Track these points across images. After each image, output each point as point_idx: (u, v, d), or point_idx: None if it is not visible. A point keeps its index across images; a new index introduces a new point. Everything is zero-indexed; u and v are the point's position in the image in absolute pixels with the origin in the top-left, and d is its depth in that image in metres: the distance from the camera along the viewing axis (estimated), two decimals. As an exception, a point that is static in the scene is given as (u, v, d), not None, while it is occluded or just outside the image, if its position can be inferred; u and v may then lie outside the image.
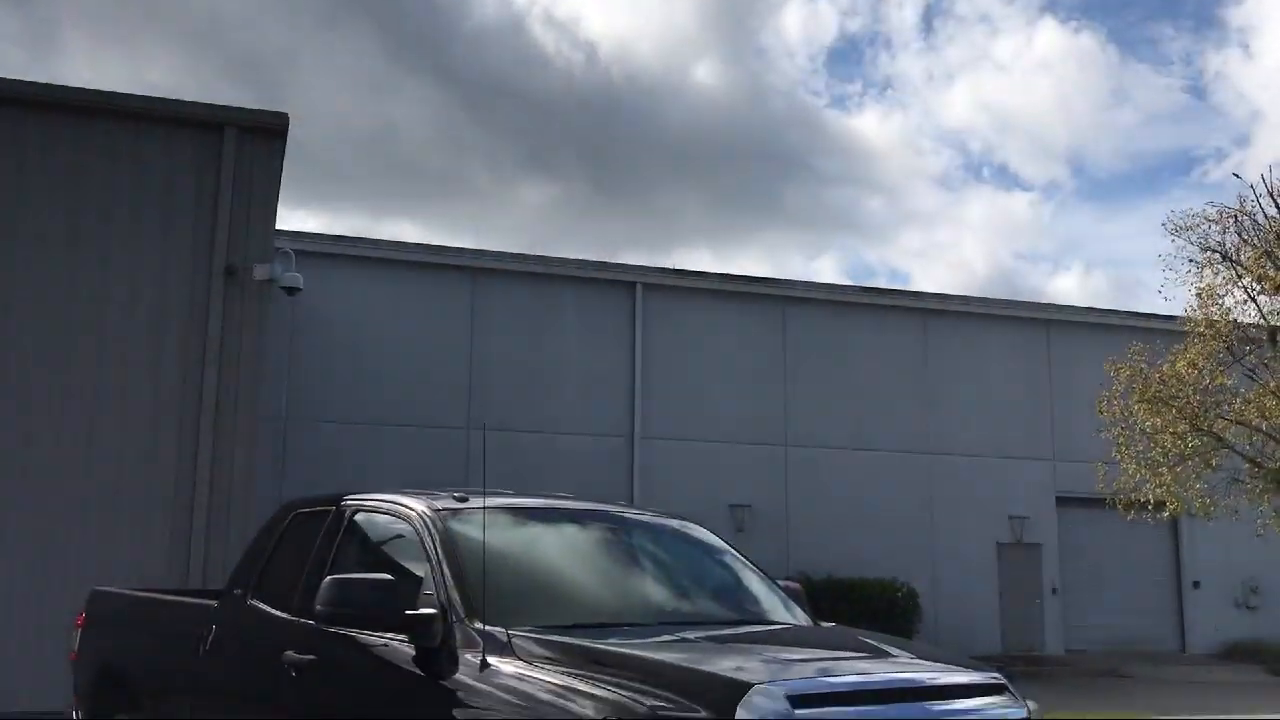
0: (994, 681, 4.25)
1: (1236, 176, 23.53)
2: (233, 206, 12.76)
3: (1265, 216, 12.73)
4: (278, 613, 5.40)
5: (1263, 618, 24.17)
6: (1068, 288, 75.30)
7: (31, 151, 12.47)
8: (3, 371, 12.03)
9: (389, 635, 4.54)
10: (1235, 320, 13.16)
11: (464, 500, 5.14)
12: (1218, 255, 13.15)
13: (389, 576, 4.67)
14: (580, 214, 69.01)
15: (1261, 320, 13.02)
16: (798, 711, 3.58)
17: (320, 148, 58.96)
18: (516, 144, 65.14)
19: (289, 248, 14.22)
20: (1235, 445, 12.91)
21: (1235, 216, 12.84)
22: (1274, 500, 13.10)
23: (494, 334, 20.47)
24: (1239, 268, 12.93)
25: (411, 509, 5.08)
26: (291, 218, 62.35)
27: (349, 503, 5.50)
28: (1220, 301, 13.21)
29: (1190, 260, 13.53)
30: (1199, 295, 13.37)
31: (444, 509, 5.02)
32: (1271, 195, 12.77)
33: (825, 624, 5.83)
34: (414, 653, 4.40)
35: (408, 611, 4.47)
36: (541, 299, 20.96)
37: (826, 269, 79.92)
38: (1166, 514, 14.08)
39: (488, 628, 4.28)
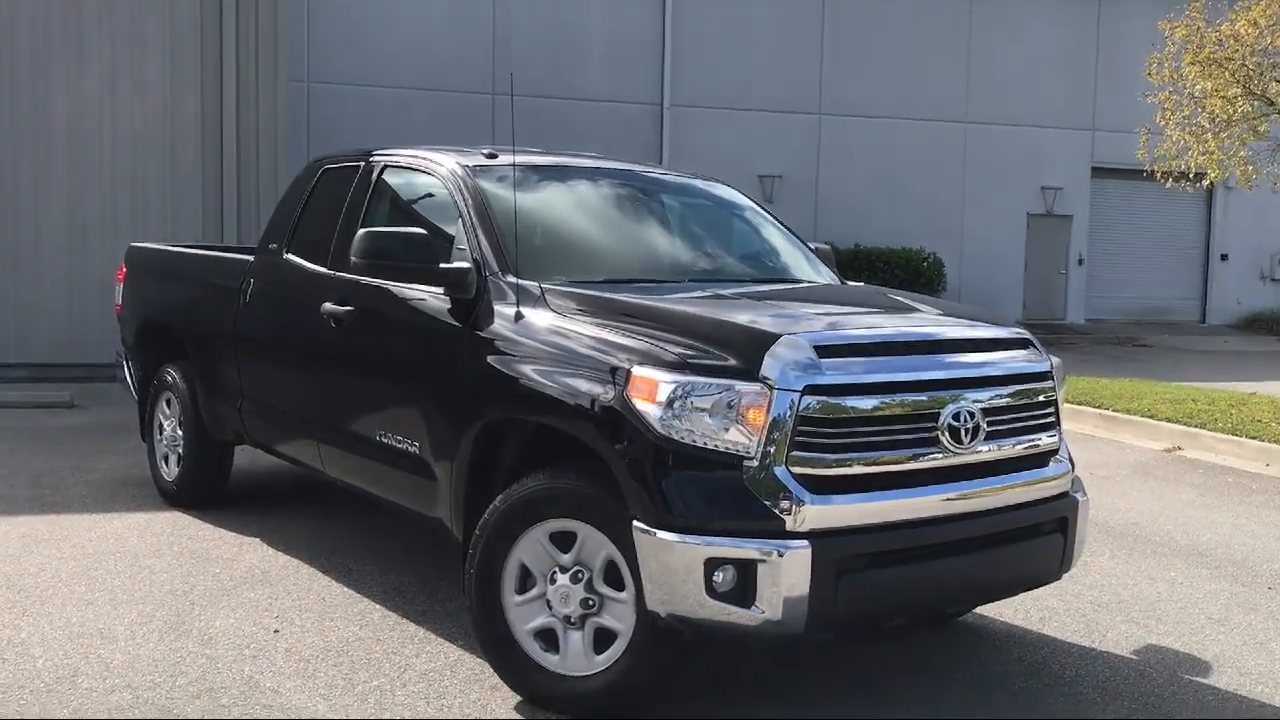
0: (1019, 336, 4.32)
1: None
2: None
3: None
4: (314, 266, 5.48)
5: (1286, 290, 24.40)
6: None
7: None
8: (14, 52, 11.71)
9: (425, 288, 4.61)
10: (1306, -24, 12.32)
11: (493, 157, 5.07)
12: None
13: (422, 230, 4.68)
14: None
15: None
16: (824, 361, 3.64)
17: None
18: None
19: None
20: (1286, 110, 12.44)
21: None
22: (1319, 169, 12.77)
23: (517, -7, 19.59)
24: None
25: (441, 164, 5.02)
26: None
27: (377, 158, 5.43)
28: (1295, -47, 12.31)
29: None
30: (1271, -52, 12.46)
31: (474, 165, 4.96)
32: None
33: (853, 283, 5.89)
34: (450, 305, 4.48)
35: (442, 265, 4.52)
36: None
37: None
38: (1207, 182, 13.79)
39: (521, 281, 4.33)
